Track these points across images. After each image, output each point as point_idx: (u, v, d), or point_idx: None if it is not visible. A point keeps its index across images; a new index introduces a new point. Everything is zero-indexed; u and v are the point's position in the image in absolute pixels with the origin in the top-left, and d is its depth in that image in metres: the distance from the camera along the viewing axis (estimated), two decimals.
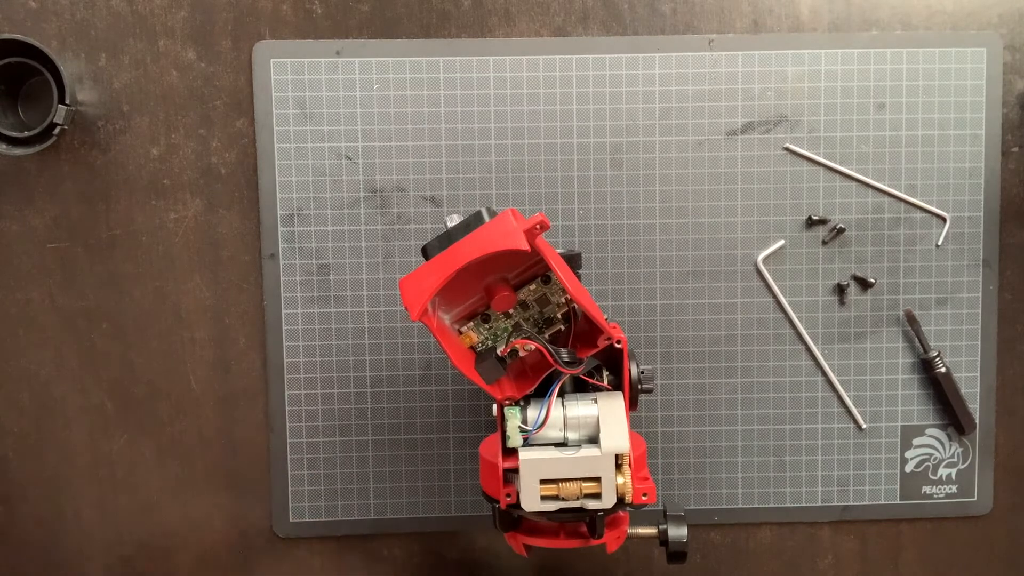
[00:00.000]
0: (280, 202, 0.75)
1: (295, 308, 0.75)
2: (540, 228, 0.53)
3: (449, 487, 0.77)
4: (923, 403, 0.78)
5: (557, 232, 0.76)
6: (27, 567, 0.77)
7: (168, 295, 0.75)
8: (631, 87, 0.75)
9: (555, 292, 0.59)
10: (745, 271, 0.76)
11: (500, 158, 0.75)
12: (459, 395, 0.77)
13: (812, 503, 0.78)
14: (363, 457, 0.77)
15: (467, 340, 0.59)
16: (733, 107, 0.75)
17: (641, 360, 0.76)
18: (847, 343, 0.77)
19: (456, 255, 0.54)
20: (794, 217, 0.76)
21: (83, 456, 0.76)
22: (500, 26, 0.75)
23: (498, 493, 0.58)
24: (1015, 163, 0.77)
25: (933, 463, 0.78)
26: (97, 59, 0.74)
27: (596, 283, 0.76)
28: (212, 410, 0.76)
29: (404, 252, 0.75)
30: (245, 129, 0.75)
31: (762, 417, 0.77)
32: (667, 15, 0.75)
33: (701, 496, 0.78)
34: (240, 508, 0.77)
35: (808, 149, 0.76)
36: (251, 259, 0.76)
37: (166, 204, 0.75)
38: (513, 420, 0.57)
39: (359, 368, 0.76)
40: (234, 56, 0.74)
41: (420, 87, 0.74)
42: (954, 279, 0.77)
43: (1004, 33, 0.76)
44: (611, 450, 0.57)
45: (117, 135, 0.74)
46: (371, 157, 0.75)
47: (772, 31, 0.75)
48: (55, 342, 0.75)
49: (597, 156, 0.75)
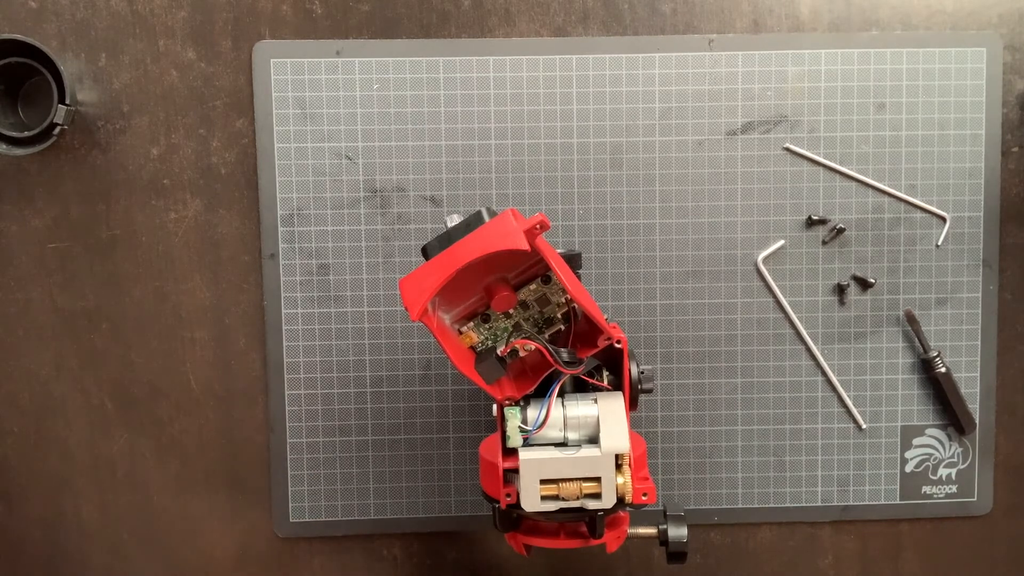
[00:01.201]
0: (280, 202, 0.75)
1: (295, 308, 0.75)
2: (540, 228, 0.53)
3: (449, 487, 0.77)
4: (923, 403, 0.78)
5: (557, 232, 0.75)
6: (27, 567, 0.77)
7: (168, 295, 0.75)
8: (631, 87, 0.75)
9: (555, 292, 0.59)
10: (745, 271, 0.76)
11: (500, 158, 0.75)
12: (459, 395, 0.77)
13: (812, 503, 0.78)
14: (363, 457, 0.77)
15: (467, 340, 0.59)
16: (733, 107, 0.75)
17: (641, 360, 0.76)
18: (847, 343, 0.77)
19: (456, 255, 0.54)
20: (794, 217, 0.76)
21: (83, 456, 0.76)
22: (500, 26, 0.75)
23: (498, 493, 0.58)
24: (1015, 163, 0.77)
25: (933, 463, 0.78)
26: (97, 59, 0.74)
27: (596, 283, 0.76)
28: (212, 410, 0.76)
29: (404, 252, 0.75)
30: (245, 129, 0.75)
31: (762, 417, 0.77)
32: (667, 15, 0.75)
33: (701, 496, 0.78)
34: (240, 508, 0.77)
35: (808, 149, 0.76)
36: (251, 259, 0.76)
37: (166, 204, 0.75)
38: (513, 420, 0.57)
39: (359, 368, 0.76)
40: (234, 56, 0.74)
41: (420, 87, 0.74)
42: (954, 279, 0.77)
43: (1004, 33, 0.76)
44: (611, 450, 0.57)
45: (117, 135, 0.74)
46: (371, 157, 0.75)
47: (772, 31, 0.75)
48: (55, 342, 0.75)
49: (597, 156, 0.75)
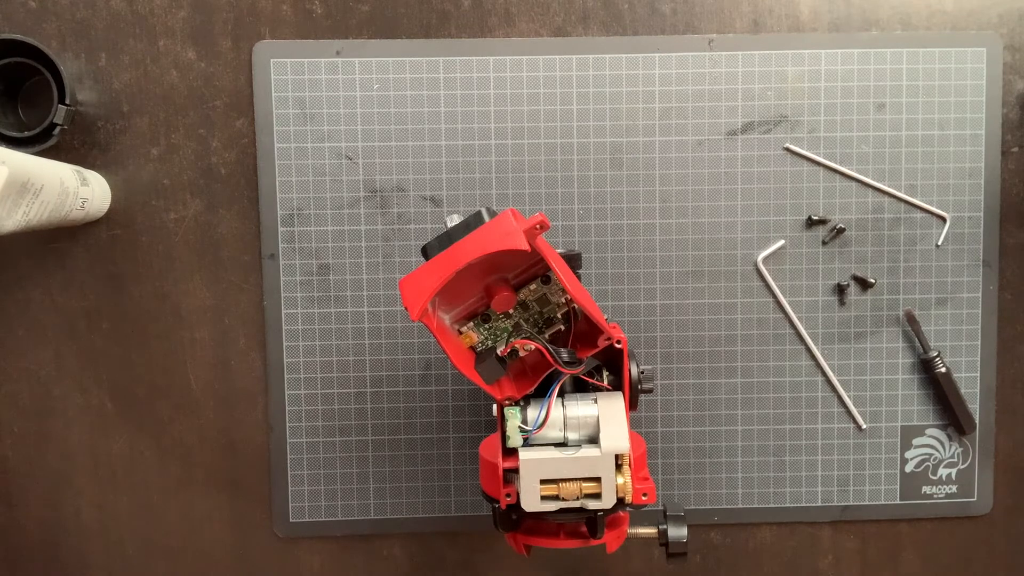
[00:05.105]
0: (280, 202, 0.75)
1: (295, 308, 0.75)
2: (540, 228, 0.53)
3: (449, 487, 0.77)
4: (923, 403, 0.78)
5: (557, 232, 0.76)
6: (27, 567, 0.77)
7: (168, 295, 0.75)
8: (631, 87, 0.75)
9: (555, 292, 0.59)
10: (745, 271, 0.76)
11: (500, 158, 0.75)
12: (459, 395, 0.77)
13: (812, 503, 0.78)
14: (363, 457, 0.77)
15: (467, 340, 0.59)
16: (733, 107, 0.75)
17: (641, 360, 0.76)
18: (847, 343, 0.77)
19: (456, 255, 0.54)
20: (794, 217, 0.76)
21: (83, 456, 0.76)
22: (500, 26, 0.75)
23: (498, 493, 0.58)
24: (1015, 163, 0.77)
25: (933, 463, 0.78)
26: (97, 59, 0.74)
27: (596, 283, 0.76)
28: (212, 410, 0.76)
29: (404, 252, 0.75)
30: (245, 129, 0.75)
31: (762, 417, 0.77)
32: (667, 15, 0.75)
33: (701, 496, 0.78)
34: (240, 508, 0.77)
35: (808, 149, 0.76)
36: (251, 259, 0.76)
37: (166, 204, 0.75)
38: (513, 420, 0.57)
39: (359, 368, 0.76)
40: (234, 56, 0.74)
41: (420, 87, 0.74)
42: (954, 279, 0.77)
43: (1004, 33, 0.76)
44: (611, 450, 0.57)
45: (117, 135, 0.74)
46: (371, 157, 0.75)
47: (772, 31, 0.75)
48: (55, 342, 0.75)
49: (597, 156, 0.75)
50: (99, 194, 0.72)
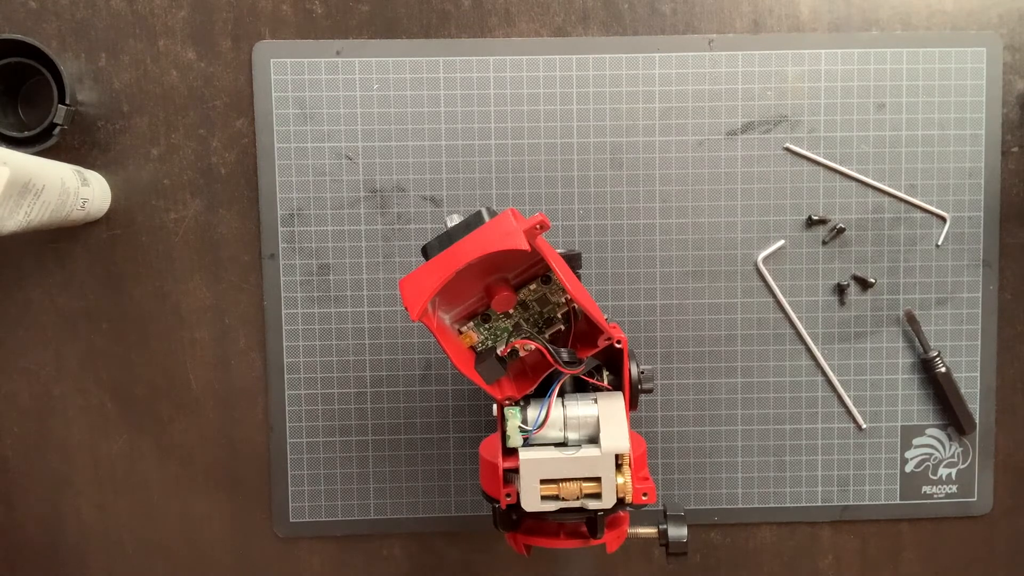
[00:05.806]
0: (280, 202, 0.75)
1: (295, 308, 0.75)
2: (540, 228, 0.53)
3: (449, 487, 0.77)
4: (923, 403, 0.78)
5: (557, 232, 0.76)
6: (27, 567, 0.77)
7: (168, 295, 0.75)
8: (631, 87, 0.75)
9: (555, 292, 0.59)
10: (745, 271, 0.76)
11: (500, 158, 0.75)
12: (459, 395, 0.77)
13: (812, 503, 0.78)
14: (363, 457, 0.77)
15: (467, 340, 0.59)
16: (733, 107, 0.75)
17: (641, 360, 0.76)
18: (847, 343, 0.77)
19: (456, 255, 0.54)
20: (794, 217, 0.76)
21: (83, 456, 0.76)
22: (500, 26, 0.75)
23: (498, 493, 0.58)
24: (1015, 163, 0.77)
25: (933, 463, 0.78)
26: (97, 59, 0.74)
27: (596, 283, 0.76)
28: (212, 410, 0.76)
29: (404, 252, 0.75)
30: (245, 129, 0.75)
31: (762, 417, 0.77)
32: (667, 15, 0.75)
33: (701, 496, 0.78)
34: (240, 508, 0.77)
35: (808, 149, 0.76)
36: (251, 259, 0.76)
37: (166, 204, 0.75)
38: (513, 420, 0.57)
39: (359, 368, 0.76)
40: (234, 56, 0.74)
41: (420, 87, 0.74)
42: (954, 279, 0.77)
43: (1004, 33, 0.76)
44: (611, 450, 0.57)
45: (117, 135, 0.74)
46: (371, 157, 0.75)
47: (772, 31, 0.75)
48: (55, 342, 0.75)
49: (597, 156, 0.75)
50: (99, 194, 0.72)
